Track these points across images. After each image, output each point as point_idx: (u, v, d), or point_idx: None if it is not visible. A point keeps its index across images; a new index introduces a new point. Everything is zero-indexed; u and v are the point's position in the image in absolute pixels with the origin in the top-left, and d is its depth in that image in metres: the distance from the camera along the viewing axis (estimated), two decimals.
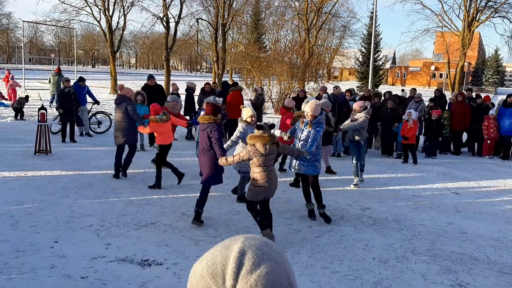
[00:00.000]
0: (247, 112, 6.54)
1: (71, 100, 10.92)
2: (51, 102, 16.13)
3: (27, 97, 15.14)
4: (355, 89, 16.40)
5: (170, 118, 7.54)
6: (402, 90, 14.16)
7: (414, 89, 13.24)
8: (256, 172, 5.14)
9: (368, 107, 10.56)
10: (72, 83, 11.78)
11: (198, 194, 5.84)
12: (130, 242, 5.12)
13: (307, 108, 6.07)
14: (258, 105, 13.37)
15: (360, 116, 8.01)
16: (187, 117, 11.28)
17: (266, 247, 0.74)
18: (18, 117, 14.50)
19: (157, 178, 7.37)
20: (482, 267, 4.94)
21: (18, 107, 14.51)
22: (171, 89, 12.36)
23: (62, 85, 11.20)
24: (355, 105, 8.37)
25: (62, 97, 10.90)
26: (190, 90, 12.76)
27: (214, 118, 5.67)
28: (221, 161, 5.41)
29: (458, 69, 29.33)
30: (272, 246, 0.76)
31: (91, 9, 25.32)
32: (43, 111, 9.54)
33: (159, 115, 7.34)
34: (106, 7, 25.08)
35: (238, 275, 0.69)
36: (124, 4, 26.20)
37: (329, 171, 9.02)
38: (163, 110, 7.59)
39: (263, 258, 0.71)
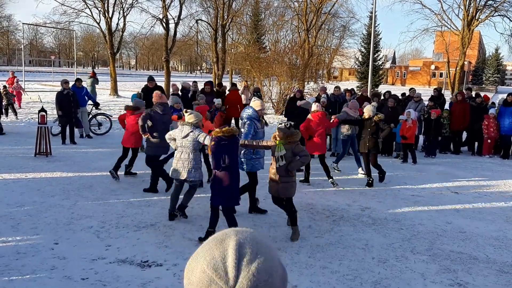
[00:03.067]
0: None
1: (70, 102, 10.93)
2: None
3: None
4: (355, 89, 16.38)
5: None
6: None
7: (413, 89, 13.26)
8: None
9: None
10: (71, 84, 11.78)
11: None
12: (130, 244, 5.14)
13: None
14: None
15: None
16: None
17: (258, 237, 0.79)
18: (13, 115, 14.50)
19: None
20: (481, 266, 4.95)
21: (6, 103, 14.46)
22: (171, 90, 12.29)
23: (61, 87, 11.19)
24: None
25: (60, 99, 10.91)
26: (184, 90, 12.36)
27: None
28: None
29: (458, 68, 29.32)
30: (262, 236, 0.81)
31: (90, 11, 25.38)
32: (43, 113, 9.57)
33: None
34: (106, 9, 25.12)
35: (239, 266, 0.72)
36: (123, 6, 26.25)
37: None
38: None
39: (258, 248, 0.75)
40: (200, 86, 12.89)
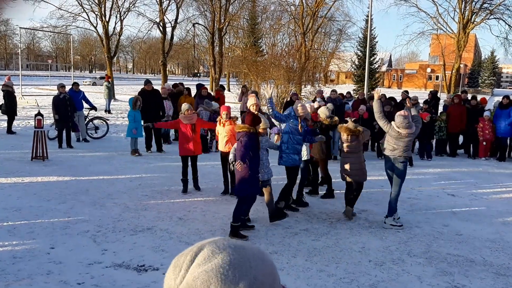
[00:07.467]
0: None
1: (67, 106, 10.91)
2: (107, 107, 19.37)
3: None
4: (351, 92, 16.43)
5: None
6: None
7: (406, 91, 13.32)
8: None
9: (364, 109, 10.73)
10: (68, 89, 11.76)
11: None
12: (127, 248, 5.12)
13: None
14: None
15: None
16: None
17: (230, 247, 0.77)
18: None
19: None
20: (478, 268, 4.96)
21: None
22: (161, 92, 12.08)
23: (58, 91, 11.16)
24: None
25: (57, 103, 10.88)
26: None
27: (248, 127, 5.49)
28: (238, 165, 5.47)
29: (454, 71, 29.45)
30: (241, 250, 0.77)
31: (87, 15, 25.40)
32: (40, 117, 9.55)
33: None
34: (103, 12, 25.14)
35: (189, 267, 0.75)
36: (120, 10, 26.28)
37: None
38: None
39: (215, 256, 0.75)
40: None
